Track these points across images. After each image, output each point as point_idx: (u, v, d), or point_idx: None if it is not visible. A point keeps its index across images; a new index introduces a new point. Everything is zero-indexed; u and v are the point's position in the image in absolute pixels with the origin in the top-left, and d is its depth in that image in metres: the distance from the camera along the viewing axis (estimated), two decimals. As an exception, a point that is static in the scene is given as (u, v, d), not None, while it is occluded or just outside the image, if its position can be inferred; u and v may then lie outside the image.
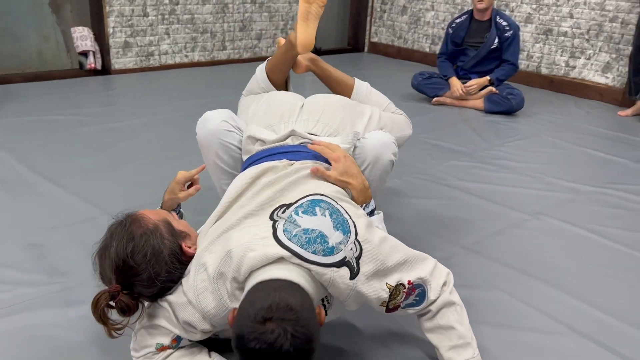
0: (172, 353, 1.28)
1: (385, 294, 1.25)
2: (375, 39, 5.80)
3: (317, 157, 1.51)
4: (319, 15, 1.75)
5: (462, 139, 3.13)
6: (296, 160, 1.48)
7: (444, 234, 2.06)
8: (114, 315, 1.21)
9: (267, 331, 0.99)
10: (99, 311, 1.18)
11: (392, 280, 1.26)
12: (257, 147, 1.58)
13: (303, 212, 1.24)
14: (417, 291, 1.30)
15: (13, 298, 1.57)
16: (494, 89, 3.72)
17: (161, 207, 1.54)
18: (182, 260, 1.27)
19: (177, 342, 1.27)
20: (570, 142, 3.19)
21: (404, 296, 1.28)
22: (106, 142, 2.81)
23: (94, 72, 4.19)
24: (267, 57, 5.25)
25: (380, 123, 1.78)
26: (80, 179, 2.37)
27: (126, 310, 1.21)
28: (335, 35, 5.98)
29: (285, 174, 1.41)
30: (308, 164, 1.46)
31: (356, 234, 1.24)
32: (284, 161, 1.47)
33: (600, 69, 4.23)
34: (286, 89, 1.96)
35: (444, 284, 1.35)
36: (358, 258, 1.22)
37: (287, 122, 1.63)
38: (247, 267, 1.15)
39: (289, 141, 1.56)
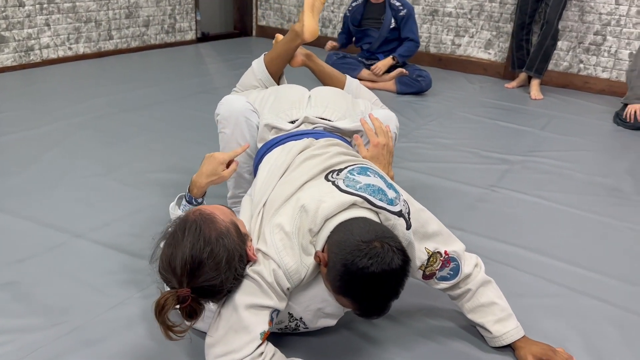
0: (275, 353, 1.23)
1: (424, 256, 1.37)
2: (262, 22, 5.73)
3: (334, 136, 1.63)
4: (321, 10, 1.92)
5: (390, 121, 3.26)
6: (317, 140, 1.57)
7: (420, 215, 2.16)
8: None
9: (376, 248, 1.11)
10: (164, 314, 1.12)
11: (430, 246, 1.38)
12: (272, 135, 1.65)
13: (357, 173, 1.34)
14: (451, 264, 1.41)
15: (22, 349, 1.36)
16: (404, 70, 3.91)
17: (188, 190, 1.59)
18: (245, 264, 1.24)
19: (272, 324, 1.24)
20: (480, 116, 3.49)
21: (440, 264, 1.39)
22: (26, 155, 2.49)
23: (-35, 73, 3.64)
24: (157, 45, 4.97)
25: None
26: (22, 199, 2.08)
27: (193, 315, 1.16)
28: (220, 20, 5.81)
29: (320, 146, 1.51)
30: (333, 141, 1.56)
31: (402, 195, 1.36)
32: (310, 139, 1.56)
33: (483, 46, 4.63)
34: (278, 83, 2.00)
35: (476, 265, 1.46)
36: (408, 214, 1.33)
37: (298, 108, 1.71)
38: (322, 216, 1.23)
39: (302, 127, 1.65)
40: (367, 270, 1.09)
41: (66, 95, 3.40)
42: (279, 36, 2.15)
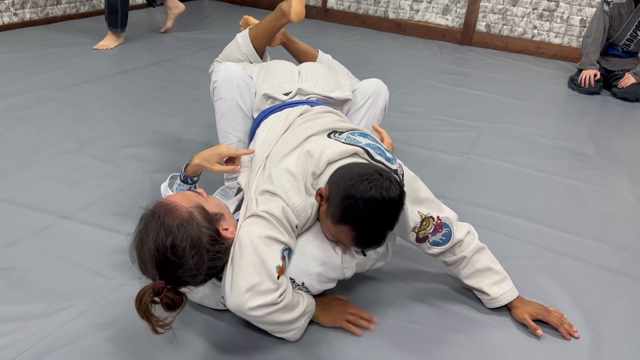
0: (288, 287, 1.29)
1: (418, 219, 1.45)
2: (216, -14, 5.55)
3: (327, 105, 1.71)
4: None
5: (359, 89, 3.29)
6: (312, 107, 1.66)
7: (402, 184, 2.22)
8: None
9: (375, 176, 1.22)
10: (143, 308, 1.15)
11: (423, 210, 1.46)
12: (267, 104, 1.72)
13: (358, 135, 1.46)
14: (444, 230, 1.48)
15: (31, 336, 1.33)
16: None
17: (185, 169, 1.57)
18: (222, 243, 1.27)
19: (284, 260, 1.28)
20: (444, 82, 3.56)
21: (432, 228, 1.46)
22: (-10, 132, 2.36)
23: None
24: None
25: None
26: (-5, 181, 2.00)
27: (172, 306, 1.19)
28: (170, -17, 5.56)
29: (318, 112, 1.60)
30: (328, 109, 1.66)
31: (397, 160, 1.45)
32: (306, 106, 1.63)
33: (441, 12, 4.69)
34: (262, 60, 2.03)
35: (468, 232, 1.54)
36: (402, 176, 1.41)
37: (291, 81, 1.77)
38: (325, 160, 1.33)
39: (296, 98, 1.73)
40: (367, 194, 1.19)
41: (19, 66, 3.21)
42: (248, 18, 2.18)
